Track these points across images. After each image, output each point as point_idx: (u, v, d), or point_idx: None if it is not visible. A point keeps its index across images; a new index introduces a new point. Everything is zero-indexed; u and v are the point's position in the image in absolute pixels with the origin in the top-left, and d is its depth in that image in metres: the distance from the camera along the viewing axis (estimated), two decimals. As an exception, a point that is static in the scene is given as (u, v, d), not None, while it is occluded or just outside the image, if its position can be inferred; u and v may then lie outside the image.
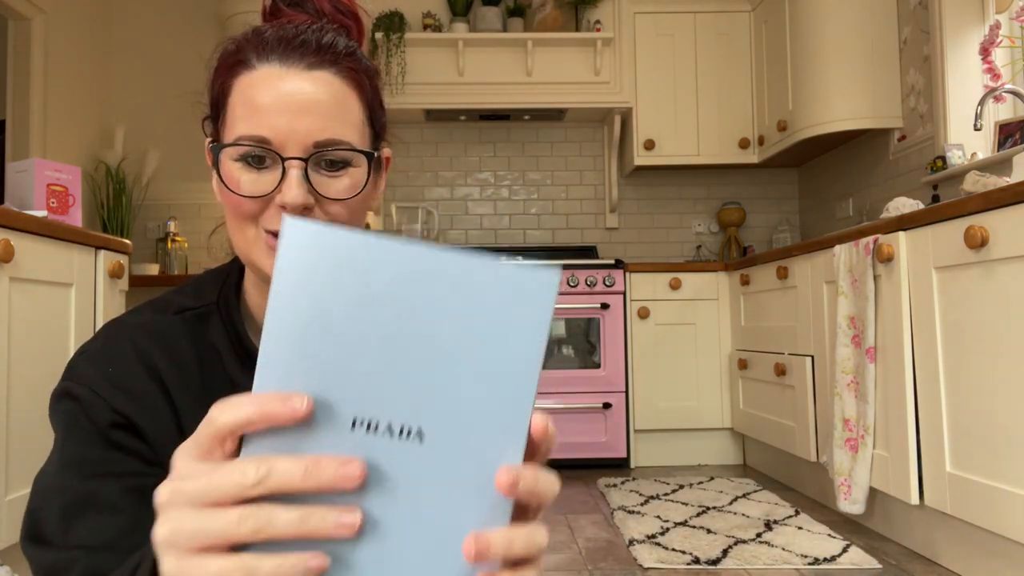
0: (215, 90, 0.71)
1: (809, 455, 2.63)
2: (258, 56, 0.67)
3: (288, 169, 0.66)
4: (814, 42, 3.26)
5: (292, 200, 0.65)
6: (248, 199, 0.67)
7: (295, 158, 0.66)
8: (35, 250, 1.78)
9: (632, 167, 3.87)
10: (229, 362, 0.74)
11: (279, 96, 0.66)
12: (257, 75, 0.66)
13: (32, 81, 3.30)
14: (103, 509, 0.63)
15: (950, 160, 2.73)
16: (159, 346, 0.71)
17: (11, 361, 1.70)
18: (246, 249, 0.70)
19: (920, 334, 1.97)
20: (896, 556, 2.05)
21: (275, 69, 0.66)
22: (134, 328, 0.72)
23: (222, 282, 0.78)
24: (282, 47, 0.67)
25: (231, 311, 0.75)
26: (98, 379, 0.67)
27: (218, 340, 0.74)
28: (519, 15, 3.82)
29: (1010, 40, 2.67)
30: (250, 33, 0.70)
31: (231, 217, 0.70)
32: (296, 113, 0.66)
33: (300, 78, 0.66)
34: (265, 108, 0.65)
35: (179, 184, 4.01)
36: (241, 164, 0.67)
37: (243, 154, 0.67)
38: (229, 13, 3.81)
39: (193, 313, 0.75)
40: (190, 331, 0.74)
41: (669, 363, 3.41)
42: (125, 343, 0.70)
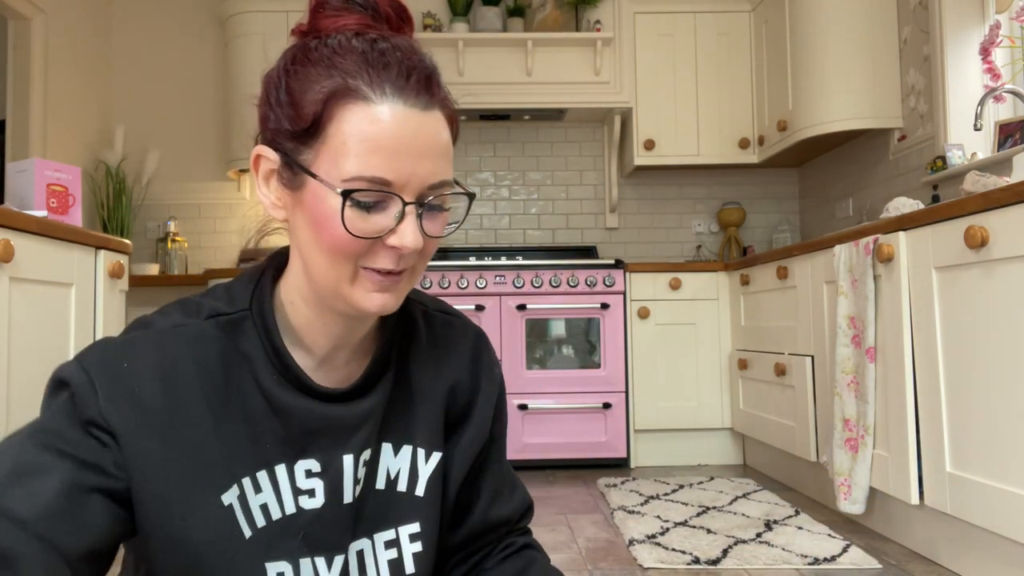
0: (308, 107, 0.66)
1: (809, 455, 2.63)
2: (371, 87, 0.65)
3: (407, 214, 0.66)
4: (814, 42, 3.27)
5: (413, 244, 0.66)
6: (357, 239, 0.66)
7: (415, 203, 0.67)
8: (35, 250, 1.78)
9: (632, 167, 3.87)
10: (262, 372, 0.72)
11: (403, 139, 0.65)
12: (376, 112, 0.65)
13: (32, 81, 3.30)
14: (41, 485, 0.63)
15: (950, 160, 2.73)
16: (190, 353, 0.70)
17: (11, 361, 1.70)
18: (334, 283, 0.69)
19: (920, 334, 1.97)
20: (896, 556, 2.05)
21: (396, 108, 0.65)
22: (164, 333, 0.71)
23: (254, 287, 0.76)
24: (395, 79, 0.66)
25: (266, 320, 0.73)
26: (103, 373, 0.67)
27: (251, 349, 0.73)
28: (519, 15, 3.82)
29: (1010, 40, 2.67)
30: (354, 54, 0.67)
31: (325, 251, 0.67)
32: (419, 157, 0.66)
33: (420, 120, 0.66)
34: (388, 150, 0.64)
35: (179, 184, 4.01)
36: (351, 204, 0.65)
37: (360, 198, 0.65)
38: (229, 13, 3.81)
39: (226, 319, 0.73)
40: (221, 337, 0.72)
41: (669, 363, 3.41)
42: (150, 346, 0.70)
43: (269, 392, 0.72)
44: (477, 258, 3.54)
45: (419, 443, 0.81)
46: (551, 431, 3.32)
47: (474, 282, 3.33)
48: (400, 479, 0.80)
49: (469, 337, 0.87)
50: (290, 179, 0.69)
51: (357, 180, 0.64)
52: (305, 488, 0.74)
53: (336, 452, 0.75)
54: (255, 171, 0.72)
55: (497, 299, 3.33)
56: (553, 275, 3.35)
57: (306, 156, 0.67)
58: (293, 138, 0.68)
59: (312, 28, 0.71)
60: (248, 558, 0.71)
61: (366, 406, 0.76)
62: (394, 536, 0.79)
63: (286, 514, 0.73)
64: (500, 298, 3.34)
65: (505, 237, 4.10)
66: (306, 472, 0.74)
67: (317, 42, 0.69)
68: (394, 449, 0.80)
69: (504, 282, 3.34)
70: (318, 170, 0.66)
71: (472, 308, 3.31)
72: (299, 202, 0.69)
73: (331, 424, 0.74)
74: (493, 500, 0.88)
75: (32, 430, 0.66)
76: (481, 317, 3.32)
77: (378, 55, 0.66)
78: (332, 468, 0.75)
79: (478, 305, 3.31)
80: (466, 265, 3.36)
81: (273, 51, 0.74)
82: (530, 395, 3.31)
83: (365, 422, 0.76)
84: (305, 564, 0.74)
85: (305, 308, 0.74)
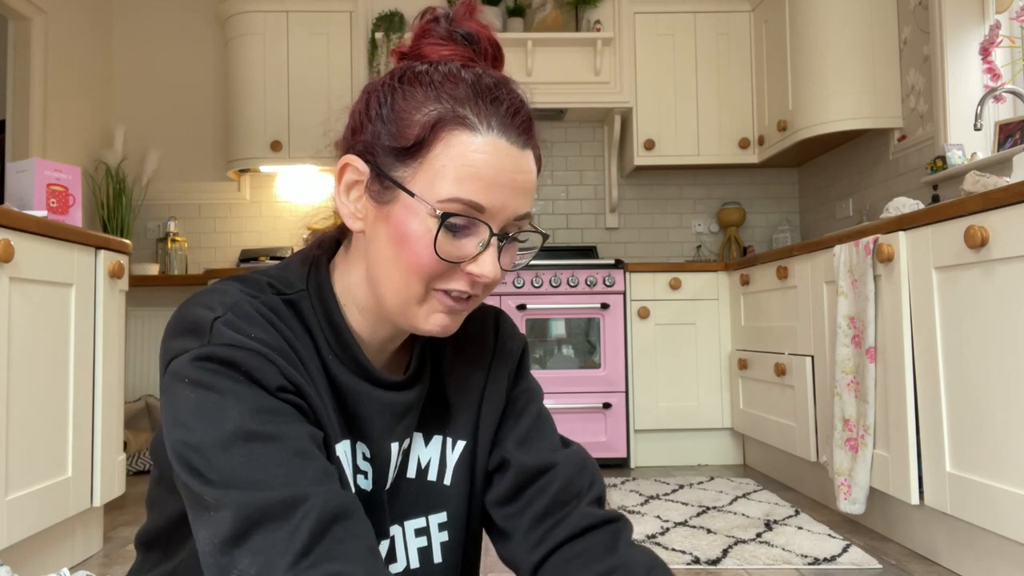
0: (413, 127, 0.68)
1: (809, 455, 2.63)
2: (479, 118, 0.68)
3: (491, 244, 0.69)
4: (814, 42, 3.26)
5: (492, 274, 0.69)
6: (440, 261, 0.68)
7: (501, 235, 0.70)
8: (35, 250, 1.78)
9: (632, 167, 3.87)
10: (324, 351, 0.74)
11: (503, 172, 0.68)
12: (481, 142, 0.67)
13: (32, 81, 3.30)
14: (297, 453, 0.62)
15: (950, 160, 2.73)
16: (279, 319, 0.70)
17: (11, 361, 1.70)
18: (404, 301, 0.71)
19: (920, 334, 1.97)
20: (896, 556, 2.05)
21: (501, 143, 0.68)
22: (249, 301, 0.69)
23: (307, 271, 0.77)
24: (503, 115, 0.69)
25: (326, 299, 0.75)
26: (257, 344, 0.65)
27: (314, 327, 0.74)
28: (519, 15, 3.82)
29: (1010, 40, 2.67)
30: (464, 84, 0.69)
31: (404, 269, 0.69)
32: (513, 192, 0.69)
33: (520, 157, 0.69)
34: (487, 180, 0.67)
35: (179, 184, 4.01)
36: (444, 224, 0.67)
37: (454, 221, 0.67)
38: (229, 13, 3.81)
39: (286, 299, 0.73)
40: (292, 315, 0.73)
41: (669, 363, 3.41)
42: (251, 311, 0.68)
43: (332, 370, 0.74)
44: (477, 258, 3.53)
45: (448, 432, 0.83)
46: (551, 431, 3.31)
47: (474, 282, 3.33)
48: (430, 468, 0.82)
49: (488, 323, 0.89)
50: (379, 192, 0.70)
51: (454, 202, 0.66)
52: (362, 469, 0.76)
53: (385, 439, 0.77)
54: (338, 180, 0.73)
55: (497, 299, 3.33)
56: (553, 275, 3.35)
57: (402, 173, 0.68)
58: (391, 153, 0.69)
59: (415, 53, 0.74)
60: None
61: (412, 396, 0.79)
62: (424, 524, 0.81)
63: (349, 490, 0.75)
64: (500, 298, 3.34)
65: (505, 237, 4.10)
66: (363, 455, 0.76)
67: (427, 66, 0.71)
68: (425, 439, 0.82)
69: (504, 282, 3.34)
70: (414, 188, 0.68)
71: (472, 308, 3.30)
72: (385, 217, 0.70)
73: (384, 410, 0.76)
74: (520, 444, 0.84)
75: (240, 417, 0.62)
76: (481, 317, 3.31)
77: (486, 89, 0.69)
78: (380, 455, 0.77)
79: (478, 305, 3.31)
80: (466, 265, 3.35)
81: (273, 51, 0.75)
82: (530, 395, 3.31)
83: (409, 412, 0.79)
84: None
85: (358, 314, 0.76)
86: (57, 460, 1.89)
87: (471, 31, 0.74)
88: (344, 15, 3.75)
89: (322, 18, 3.74)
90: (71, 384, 1.95)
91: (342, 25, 3.72)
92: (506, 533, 0.83)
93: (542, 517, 0.80)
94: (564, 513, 0.80)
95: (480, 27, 0.75)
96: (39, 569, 1.86)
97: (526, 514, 0.81)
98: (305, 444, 0.63)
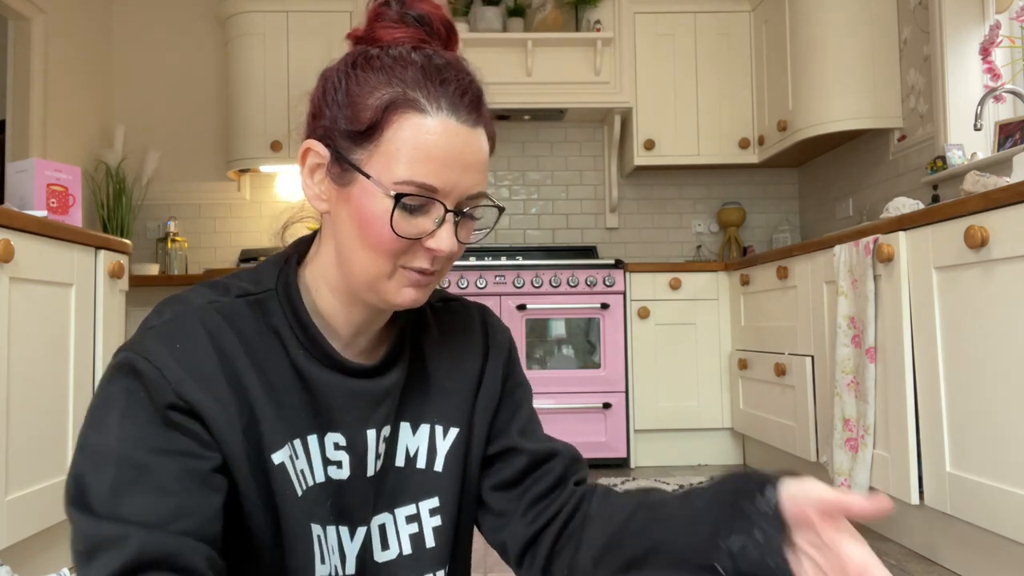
0: (366, 111, 0.71)
1: (809, 455, 2.63)
2: (428, 100, 0.70)
3: (447, 220, 0.72)
4: (814, 42, 3.26)
5: (449, 248, 0.73)
6: (400, 239, 0.71)
7: (456, 211, 0.73)
8: (35, 250, 1.78)
9: (632, 167, 3.87)
10: (291, 347, 0.76)
11: (453, 152, 0.71)
12: (431, 123, 0.70)
13: (32, 81, 3.30)
14: (155, 489, 0.64)
15: (950, 160, 2.73)
16: (229, 327, 0.73)
17: (11, 361, 1.70)
18: (373, 278, 0.74)
19: (920, 334, 1.97)
20: (896, 556, 2.05)
21: (450, 123, 0.71)
22: (202, 308, 0.73)
23: (279, 270, 0.80)
24: (451, 95, 0.71)
25: (292, 298, 0.78)
26: (165, 357, 0.68)
27: (280, 325, 0.77)
28: (519, 15, 3.82)
29: (1010, 40, 2.67)
30: (414, 67, 0.72)
31: (368, 247, 0.73)
32: (464, 169, 0.72)
33: (470, 136, 0.72)
34: (439, 160, 0.70)
35: (179, 184, 4.01)
36: (400, 205, 0.70)
37: (408, 201, 0.70)
38: (229, 13, 3.81)
39: (253, 298, 0.77)
40: (253, 314, 0.76)
41: (669, 363, 3.41)
42: (194, 321, 0.72)
43: (300, 366, 0.76)
44: (477, 258, 3.54)
45: (437, 421, 0.85)
46: (551, 431, 3.27)
47: (474, 282, 3.33)
48: (419, 456, 0.84)
49: (474, 317, 0.93)
50: (339, 175, 0.73)
51: (408, 184, 0.70)
52: (334, 459, 0.78)
53: (360, 427, 0.79)
54: (302, 163, 0.76)
55: (497, 299, 3.33)
56: (553, 275, 3.35)
57: (359, 156, 0.72)
58: (347, 137, 0.72)
59: (369, 36, 0.77)
60: (300, 516, 0.75)
61: (387, 383, 0.81)
62: (415, 511, 0.83)
63: (317, 482, 0.77)
64: (500, 298, 3.34)
65: (505, 237, 4.10)
66: (334, 444, 0.78)
67: (379, 51, 0.74)
68: (412, 428, 0.84)
69: (504, 282, 3.34)
70: (370, 170, 0.71)
71: (472, 308, 3.30)
72: (345, 198, 0.73)
73: (356, 398, 0.79)
74: (523, 433, 0.89)
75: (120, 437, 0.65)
76: (481, 317, 3.32)
77: (436, 71, 0.72)
78: (357, 443, 0.79)
79: (478, 305, 3.31)
80: (466, 265, 3.36)
81: (273, 51, 0.77)
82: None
83: (386, 398, 0.81)
84: (331, 531, 0.78)
85: (330, 296, 0.78)
86: (57, 460, 1.89)
87: (423, 12, 0.76)
88: (344, 15, 3.75)
89: (322, 18, 3.74)
90: (71, 384, 1.95)
91: (342, 25, 3.72)
92: (503, 515, 0.87)
93: (539, 499, 0.86)
94: (558, 495, 0.86)
95: (432, 8, 0.77)
96: (39, 569, 1.85)
97: (526, 496, 0.86)
98: (167, 480, 0.64)
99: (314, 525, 0.76)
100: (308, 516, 0.75)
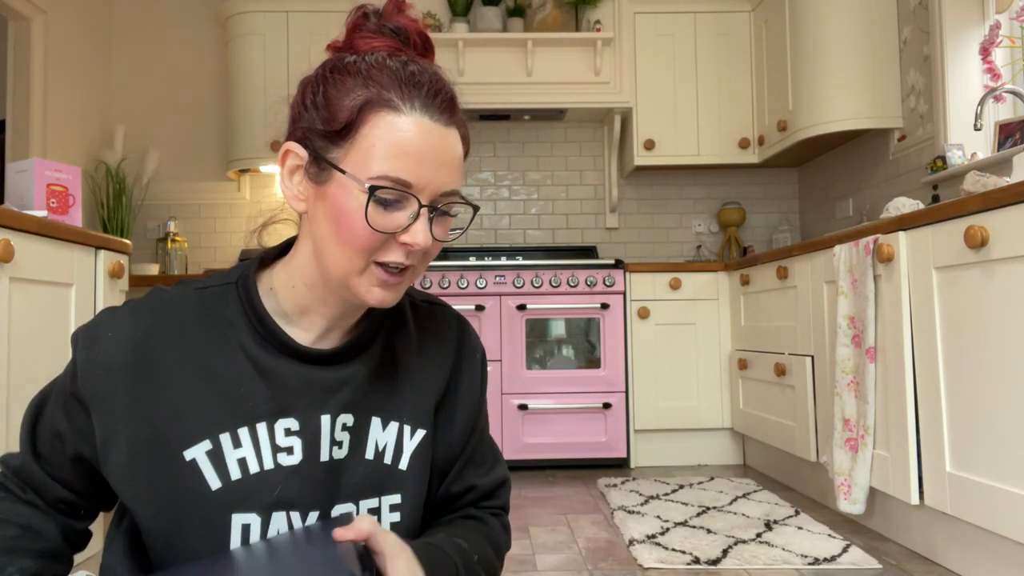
0: (342, 112, 0.74)
1: (809, 455, 2.63)
2: (402, 99, 0.74)
3: (421, 215, 0.75)
4: (814, 42, 3.26)
5: (423, 242, 0.75)
6: (375, 233, 0.74)
7: (430, 207, 0.75)
8: (35, 250, 1.78)
9: (632, 167, 3.87)
10: (245, 336, 0.80)
11: (427, 148, 0.74)
12: (406, 121, 0.73)
13: (32, 81, 3.30)
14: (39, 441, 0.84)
15: (950, 160, 2.73)
16: (165, 320, 0.80)
17: (11, 361, 1.70)
18: (344, 273, 0.77)
19: (920, 334, 1.97)
20: (896, 556, 2.05)
21: (424, 121, 0.74)
22: (142, 303, 0.81)
23: (243, 269, 0.85)
24: (425, 97, 0.75)
25: (249, 289, 0.82)
26: (87, 347, 0.78)
27: (234, 316, 0.81)
28: (519, 15, 3.82)
29: (1010, 40, 2.67)
30: (389, 71, 0.75)
31: (343, 243, 0.75)
32: (439, 166, 0.75)
33: (443, 134, 0.75)
34: (414, 156, 0.73)
35: (179, 184, 4.01)
36: (373, 200, 0.73)
37: (383, 195, 0.73)
38: (229, 13, 3.81)
39: (211, 290, 0.82)
40: (203, 305, 0.81)
41: (669, 363, 3.41)
42: (127, 317, 0.79)
43: (253, 354, 0.80)
44: (477, 258, 3.54)
45: (406, 420, 0.87)
46: (551, 431, 3.32)
47: (474, 282, 3.33)
48: (387, 452, 0.86)
49: (452, 326, 0.95)
50: (316, 174, 0.76)
51: (383, 179, 0.73)
52: (284, 446, 0.80)
53: (314, 412, 0.81)
54: (282, 165, 0.79)
55: (497, 299, 3.33)
56: (553, 275, 3.35)
57: (335, 154, 0.75)
58: (325, 137, 0.75)
59: (348, 45, 0.81)
60: (213, 510, 0.77)
61: (346, 372, 0.83)
62: (377, 505, 0.85)
63: (264, 469, 0.79)
64: (500, 298, 3.34)
65: (505, 237, 4.10)
66: (285, 430, 0.80)
67: (355, 57, 0.77)
68: (383, 424, 0.86)
69: (504, 282, 3.34)
70: (346, 167, 0.74)
71: (472, 308, 3.31)
72: (323, 196, 0.76)
73: (311, 384, 0.81)
74: (466, 465, 0.94)
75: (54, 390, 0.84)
76: (481, 317, 3.32)
77: (410, 75, 0.75)
78: (310, 427, 0.81)
79: (478, 305, 3.31)
80: (466, 265, 3.36)
81: (273, 51, 0.79)
82: (530, 395, 3.31)
83: (344, 386, 0.83)
84: (278, 517, 0.79)
85: (307, 291, 0.81)
86: (57, 460, 1.89)
87: (400, 25, 0.80)
88: (344, 15, 3.74)
89: (322, 18, 3.74)
90: (71, 384, 1.94)
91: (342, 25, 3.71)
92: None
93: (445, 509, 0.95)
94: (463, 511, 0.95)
95: (409, 21, 0.81)
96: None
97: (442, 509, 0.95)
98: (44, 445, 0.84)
99: (240, 515, 0.78)
100: (229, 507, 0.77)
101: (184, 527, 0.77)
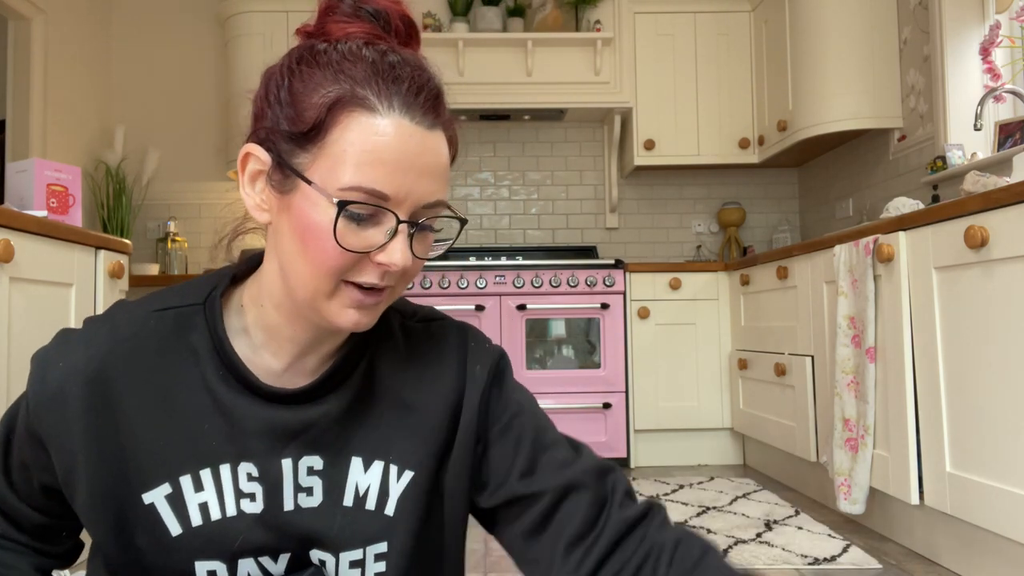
0: (310, 110, 0.64)
1: (809, 455, 2.63)
2: (379, 98, 0.64)
3: (400, 232, 0.65)
4: (814, 42, 3.26)
5: (401, 263, 0.65)
6: (346, 253, 0.64)
7: (409, 222, 0.65)
8: (35, 250, 1.78)
9: (632, 167, 3.87)
10: (206, 366, 0.71)
11: (407, 155, 0.64)
12: (383, 123, 0.63)
13: (32, 81, 3.30)
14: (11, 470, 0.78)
15: (950, 160, 2.73)
16: (119, 350, 0.71)
17: (11, 361, 1.70)
18: (312, 295, 0.67)
19: (920, 334, 1.97)
20: (896, 556, 2.05)
21: (403, 124, 0.64)
22: (98, 329, 0.73)
23: (212, 286, 0.75)
24: (405, 94, 0.65)
25: (214, 315, 0.72)
26: (40, 379, 0.71)
27: (199, 343, 0.72)
28: (519, 15, 3.82)
29: (1010, 40, 2.67)
30: (364, 62, 0.65)
31: (310, 262, 0.65)
32: (419, 175, 0.65)
33: (426, 138, 0.65)
34: (391, 164, 0.63)
35: (179, 184, 4.01)
36: (344, 215, 0.63)
37: (355, 210, 0.63)
38: (229, 13, 3.81)
39: (175, 312, 0.73)
40: (164, 331, 0.72)
41: (669, 363, 3.41)
42: (80, 346, 0.71)
43: (213, 389, 0.71)
44: (477, 258, 3.54)
45: (392, 459, 0.75)
46: (551, 431, 3.31)
47: (474, 282, 3.33)
48: (369, 497, 0.74)
49: (452, 344, 0.81)
50: (280, 182, 0.66)
51: (354, 191, 0.63)
52: (247, 491, 0.71)
53: (273, 457, 0.72)
54: (241, 169, 0.69)
55: (497, 299, 3.33)
56: (553, 275, 3.35)
57: (301, 160, 0.65)
58: (290, 140, 0.65)
59: (320, 31, 0.69)
60: (176, 556, 0.70)
61: (313, 412, 0.73)
62: (360, 556, 0.74)
63: (226, 516, 0.71)
64: (500, 298, 3.34)
65: (505, 237, 4.10)
66: (247, 475, 0.71)
67: (326, 45, 0.67)
68: (364, 464, 0.75)
69: (504, 282, 3.34)
70: (313, 176, 0.64)
71: (472, 308, 3.31)
72: (287, 207, 0.66)
73: (271, 426, 0.71)
74: (529, 474, 0.76)
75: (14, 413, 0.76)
76: (481, 317, 3.32)
77: (389, 67, 0.65)
78: (271, 473, 0.72)
79: (478, 305, 3.31)
80: (466, 265, 3.36)
81: (273, 51, 0.73)
82: (530, 395, 3.31)
83: (309, 428, 0.73)
84: (246, 563, 0.72)
85: (275, 312, 0.72)
86: (57, 460, 1.89)
87: (380, 7, 0.69)
88: (344, 15, 3.75)
89: (322, 18, 3.74)
90: (71, 384, 1.94)
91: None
92: (540, 562, 0.75)
93: (578, 539, 0.73)
94: (599, 527, 0.74)
95: (391, 3, 0.70)
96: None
97: (561, 539, 0.74)
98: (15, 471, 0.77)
99: (204, 563, 0.70)
100: (191, 555, 0.70)
101: (150, 572, 0.71)
